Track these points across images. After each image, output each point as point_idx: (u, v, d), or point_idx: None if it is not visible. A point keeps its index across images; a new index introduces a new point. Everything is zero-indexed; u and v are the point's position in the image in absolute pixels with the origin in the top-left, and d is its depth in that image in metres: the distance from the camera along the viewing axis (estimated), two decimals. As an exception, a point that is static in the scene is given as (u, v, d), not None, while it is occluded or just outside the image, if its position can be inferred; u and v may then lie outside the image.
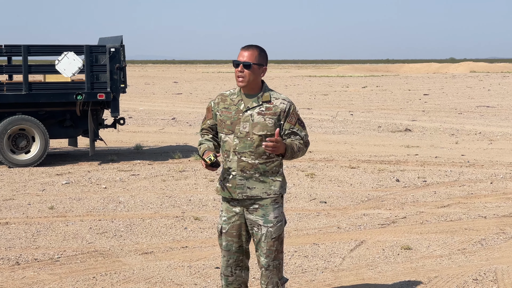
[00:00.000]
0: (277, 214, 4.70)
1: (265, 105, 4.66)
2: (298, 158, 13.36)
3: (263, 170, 4.66)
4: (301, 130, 4.70)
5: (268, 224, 4.67)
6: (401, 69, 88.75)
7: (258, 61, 4.64)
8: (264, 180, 4.67)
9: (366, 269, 6.63)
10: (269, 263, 4.73)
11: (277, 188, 4.69)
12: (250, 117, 4.65)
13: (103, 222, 8.49)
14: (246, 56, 4.63)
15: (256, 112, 4.65)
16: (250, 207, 4.70)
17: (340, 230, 8.15)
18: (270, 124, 4.63)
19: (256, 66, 4.63)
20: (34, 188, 10.67)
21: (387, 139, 17.16)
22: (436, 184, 10.98)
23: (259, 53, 4.65)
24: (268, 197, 4.67)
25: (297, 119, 4.70)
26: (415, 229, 8.18)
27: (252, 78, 4.63)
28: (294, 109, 4.70)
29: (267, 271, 4.75)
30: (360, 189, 10.60)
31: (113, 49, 12.93)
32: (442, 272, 6.53)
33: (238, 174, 4.67)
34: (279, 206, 4.72)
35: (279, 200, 4.73)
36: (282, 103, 4.66)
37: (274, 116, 4.64)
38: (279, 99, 4.68)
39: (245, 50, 4.65)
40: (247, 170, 4.66)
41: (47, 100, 12.84)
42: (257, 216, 4.69)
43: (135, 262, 6.85)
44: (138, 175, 11.71)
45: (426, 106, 28.54)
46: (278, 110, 4.65)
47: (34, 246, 7.44)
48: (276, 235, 4.69)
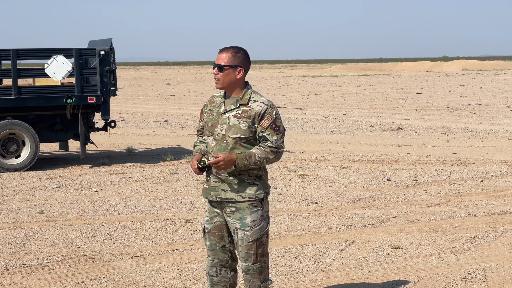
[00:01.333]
0: (254, 218, 4.67)
1: (242, 108, 4.64)
2: (290, 159, 13.40)
3: (238, 173, 4.65)
4: (272, 134, 4.61)
5: (245, 228, 4.66)
6: (394, 68, 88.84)
7: (232, 63, 4.63)
8: (238, 184, 4.65)
9: (356, 269, 6.63)
10: (248, 267, 4.72)
11: (252, 192, 4.66)
12: (227, 119, 4.65)
13: (93, 226, 8.47)
14: (221, 58, 4.64)
15: (233, 114, 4.65)
16: (227, 209, 4.70)
17: (331, 231, 8.15)
18: (244, 127, 4.61)
19: (230, 69, 4.63)
20: (24, 192, 10.64)
21: (379, 139, 17.17)
22: (427, 183, 10.98)
23: (234, 55, 4.64)
24: (243, 200, 4.65)
25: (271, 122, 4.61)
26: (406, 228, 8.19)
27: (226, 80, 4.64)
28: (270, 112, 4.63)
29: (248, 274, 4.75)
30: (351, 189, 10.60)
31: (102, 52, 12.91)
32: (432, 271, 6.53)
33: (214, 176, 4.69)
34: (257, 210, 4.69)
35: (257, 203, 4.69)
36: (258, 106, 4.63)
37: (249, 119, 4.62)
38: (257, 101, 4.65)
39: (222, 52, 4.67)
40: (222, 173, 4.66)
41: (37, 104, 12.81)
42: (234, 219, 4.69)
43: (125, 266, 6.83)
44: (129, 178, 11.68)
45: (419, 104, 28.58)
46: (253, 113, 4.62)
47: (23, 251, 7.41)
48: (253, 238, 4.66)
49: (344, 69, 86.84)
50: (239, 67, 4.65)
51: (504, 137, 17.29)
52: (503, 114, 23.79)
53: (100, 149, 15.22)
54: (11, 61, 12.56)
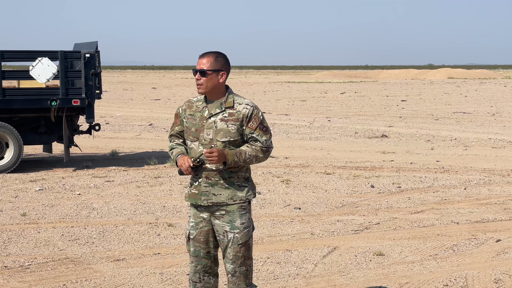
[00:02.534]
0: (244, 221, 4.69)
1: (228, 111, 4.65)
2: (274, 165, 13.41)
3: (228, 176, 4.65)
4: (261, 135, 4.65)
5: (235, 230, 4.66)
6: (379, 75, 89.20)
7: (214, 67, 4.64)
8: (229, 187, 4.66)
9: (338, 276, 6.64)
10: (235, 269, 4.72)
11: (243, 194, 4.68)
12: (214, 123, 4.65)
13: (75, 229, 8.44)
14: (203, 63, 4.65)
15: (219, 118, 4.65)
16: (217, 212, 4.69)
17: (314, 236, 8.16)
18: (232, 130, 4.63)
19: (213, 73, 4.63)
20: (7, 194, 10.58)
21: (364, 145, 17.22)
22: (411, 190, 11.03)
23: (215, 59, 4.65)
24: (234, 203, 4.66)
25: (259, 123, 4.65)
26: (388, 235, 8.21)
27: (210, 84, 4.64)
28: (257, 114, 4.66)
29: (234, 277, 4.74)
30: (335, 195, 10.62)
31: (88, 55, 12.87)
32: (413, 278, 6.55)
33: (203, 181, 4.68)
34: (246, 212, 4.71)
35: (246, 206, 4.71)
36: (245, 108, 4.65)
37: (237, 122, 4.63)
38: (242, 104, 4.67)
39: (202, 57, 4.67)
40: (211, 177, 4.65)
41: (21, 106, 12.75)
42: (223, 222, 4.68)
43: (107, 269, 6.81)
44: (113, 182, 11.65)
45: (404, 112, 28.70)
46: (240, 115, 4.63)
47: (5, 253, 7.37)
48: (243, 241, 4.67)
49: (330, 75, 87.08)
50: (221, 71, 4.66)
51: (488, 145, 17.39)
52: (487, 122, 23.94)
53: (84, 152, 15.17)
54: (-5, 62, 12.49)
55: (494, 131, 20.82)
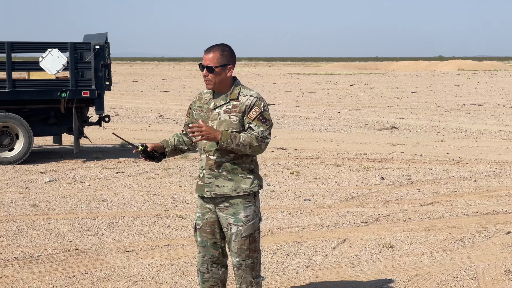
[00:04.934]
0: (248, 213, 4.68)
1: (232, 103, 4.65)
2: (284, 157, 13.39)
3: (231, 168, 4.64)
4: (259, 126, 4.60)
5: (239, 223, 4.66)
6: (389, 67, 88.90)
7: (221, 62, 4.61)
8: (232, 178, 4.65)
9: (348, 267, 6.63)
10: (241, 262, 4.72)
11: (247, 186, 4.66)
12: (218, 115, 4.65)
13: (85, 220, 8.45)
14: (209, 59, 4.62)
15: (223, 110, 4.65)
16: (221, 204, 4.69)
17: (323, 228, 8.15)
18: (234, 121, 4.62)
19: (220, 68, 4.62)
20: (17, 186, 10.61)
21: (373, 137, 17.18)
22: (421, 182, 10.99)
23: (221, 54, 4.62)
24: (237, 195, 4.65)
25: (259, 114, 4.61)
26: (398, 227, 8.19)
27: (218, 80, 4.63)
28: (258, 105, 4.63)
29: (239, 270, 4.74)
30: (344, 187, 10.60)
31: (97, 46, 12.88)
32: (423, 270, 6.53)
33: (207, 173, 4.68)
34: (250, 205, 4.69)
35: (250, 198, 4.69)
36: (248, 100, 4.63)
37: (239, 113, 4.62)
38: (247, 95, 4.65)
39: (208, 53, 4.64)
40: (215, 168, 4.65)
41: (31, 97, 12.78)
42: (227, 214, 4.68)
43: (116, 261, 6.82)
44: (122, 173, 11.66)
45: (413, 104, 28.61)
46: (243, 107, 4.63)
47: (15, 244, 7.39)
48: (247, 233, 4.67)
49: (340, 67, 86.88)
50: (228, 65, 4.65)
51: (498, 137, 17.32)
52: (497, 114, 23.83)
53: (93, 143, 15.19)
54: (5, 54, 12.51)
55: (505, 123, 20.73)
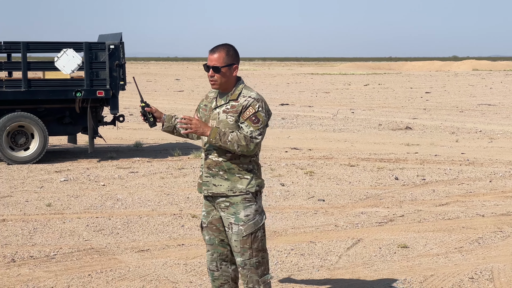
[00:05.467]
0: (248, 213, 4.66)
1: (231, 103, 4.67)
2: (298, 157, 13.38)
3: (228, 167, 4.66)
4: (249, 125, 4.60)
5: (239, 223, 4.66)
6: (403, 67, 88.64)
7: (227, 62, 4.64)
8: (229, 178, 4.66)
9: (362, 268, 6.62)
10: (245, 262, 4.70)
11: (243, 186, 4.65)
12: (217, 115, 4.69)
13: (100, 220, 8.49)
14: (215, 59, 4.64)
15: (222, 110, 4.68)
16: (221, 204, 4.71)
17: (338, 228, 8.14)
18: (231, 122, 4.63)
19: (226, 68, 4.64)
20: (32, 185, 10.66)
21: (388, 137, 17.14)
22: (435, 183, 10.95)
23: (227, 54, 4.65)
24: (234, 195, 4.65)
25: (252, 114, 4.61)
26: (413, 227, 8.17)
27: (224, 80, 4.66)
28: (254, 105, 4.62)
29: (244, 269, 4.73)
30: (358, 187, 10.58)
31: (112, 46, 12.93)
32: (438, 271, 6.51)
33: (205, 171, 4.73)
34: (251, 204, 4.68)
35: (251, 197, 4.68)
36: (246, 100, 4.65)
37: (236, 114, 4.64)
38: (246, 96, 4.66)
39: (213, 53, 4.66)
40: (212, 168, 4.69)
41: (46, 97, 12.84)
42: (228, 214, 4.69)
43: (131, 260, 6.84)
44: (137, 173, 11.70)
45: (428, 104, 28.51)
46: (240, 107, 4.64)
47: (31, 243, 7.43)
48: (248, 232, 4.66)
49: (353, 67, 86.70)
50: (234, 65, 4.68)
51: (513, 138, 17.22)
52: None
53: (108, 143, 15.25)
54: (21, 53, 12.59)
55: (520, 123, 20.61)
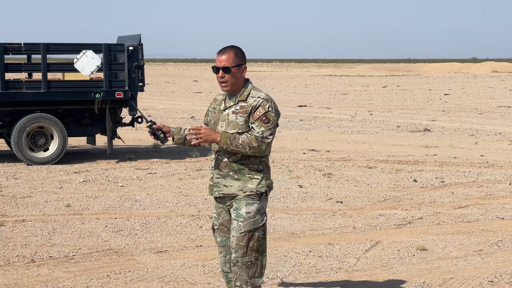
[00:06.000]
0: (249, 210, 4.68)
1: (240, 104, 4.69)
2: (316, 158, 13.36)
3: (238, 168, 4.68)
4: (260, 126, 4.61)
5: (239, 218, 4.67)
6: (422, 68, 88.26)
7: (236, 62, 4.66)
8: (239, 178, 4.69)
9: (381, 270, 6.59)
10: (237, 259, 4.69)
11: (253, 186, 4.68)
12: (227, 116, 4.71)
13: (118, 220, 8.52)
14: (224, 60, 4.65)
15: (232, 111, 4.70)
16: (228, 203, 4.76)
17: (356, 230, 8.11)
18: (240, 122, 4.65)
19: (236, 68, 4.66)
20: (52, 185, 10.73)
21: (406, 139, 17.07)
22: (454, 185, 10.90)
23: (235, 54, 4.67)
24: (244, 194, 4.69)
25: (262, 114, 4.62)
26: (432, 230, 8.13)
27: (234, 80, 4.68)
28: (264, 105, 4.63)
29: (235, 266, 4.71)
30: (377, 189, 10.55)
31: (131, 47, 12.98)
32: (458, 274, 6.47)
33: (215, 173, 4.76)
34: (254, 202, 4.69)
35: (255, 197, 4.69)
36: (255, 101, 4.66)
37: (245, 114, 4.65)
38: (255, 97, 4.68)
39: (221, 54, 4.67)
40: (223, 168, 4.71)
41: (66, 98, 12.92)
42: (231, 210, 4.73)
43: (149, 261, 6.86)
44: (155, 174, 11.73)
45: (447, 106, 28.37)
46: (249, 108, 4.65)
47: (50, 243, 7.48)
48: (245, 229, 4.65)
49: (371, 69, 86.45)
50: (242, 65, 4.71)
51: (533, 140, 17.09)
52: (532, 117, 23.52)
53: (126, 144, 15.31)
54: (41, 55, 12.68)
55: (540, 126, 20.45)
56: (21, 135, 12.60)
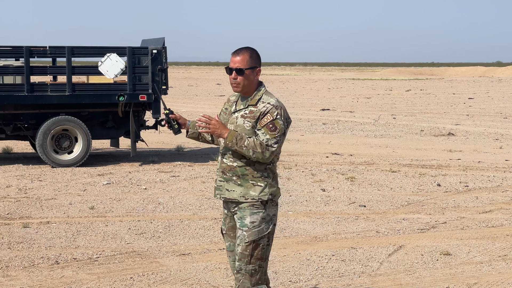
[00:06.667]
0: (254, 220, 4.58)
1: (250, 108, 4.61)
2: (339, 162, 13.33)
3: (242, 173, 4.60)
4: (266, 133, 4.53)
5: (243, 228, 4.60)
6: (446, 72, 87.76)
7: (250, 64, 4.59)
8: (242, 184, 4.60)
9: (404, 274, 6.56)
10: (241, 267, 4.64)
11: (256, 193, 4.58)
12: (236, 119, 4.65)
13: (142, 223, 8.56)
14: (238, 61, 4.57)
15: (240, 115, 4.63)
16: (232, 209, 4.69)
17: (379, 234, 8.08)
18: (247, 127, 4.58)
19: (249, 71, 4.59)
20: (76, 188, 10.80)
21: (429, 143, 16.98)
22: (478, 189, 10.81)
23: (250, 56, 4.59)
24: (246, 201, 4.60)
25: (269, 122, 4.53)
26: (455, 234, 8.07)
27: (246, 82, 4.60)
28: (272, 112, 4.54)
29: (238, 274, 4.67)
30: (400, 193, 10.50)
31: (155, 51, 13.04)
32: (482, 279, 6.43)
33: (219, 176, 4.70)
34: (258, 212, 4.59)
35: (259, 205, 4.59)
36: (264, 107, 4.57)
37: (253, 120, 4.58)
38: (265, 102, 4.59)
39: (236, 55, 4.60)
40: (226, 172, 4.65)
41: (90, 101, 13.00)
42: (236, 218, 4.67)
43: (172, 263, 6.88)
44: (178, 177, 11.77)
45: (471, 110, 28.18)
46: (258, 113, 4.57)
47: (74, 245, 7.53)
48: (250, 239, 4.57)
49: (395, 73, 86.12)
50: (257, 68, 4.63)
51: (559, 145, 16.92)
52: (558, 121, 23.29)
53: (150, 147, 15.37)
54: (66, 58, 12.78)
55: None
56: (46, 137, 12.70)
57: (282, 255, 7.18)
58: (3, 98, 12.66)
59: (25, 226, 8.33)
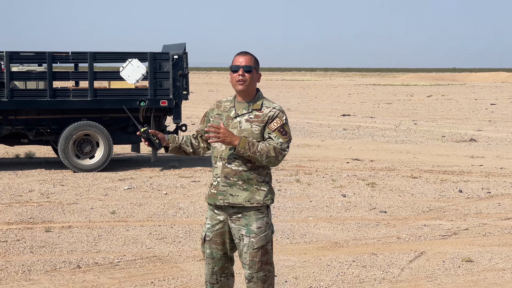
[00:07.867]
0: (260, 225, 4.61)
1: (255, 113, 4.63)
2: (359, 168, 13.29)
3: (247, 177, 4.60)
4: (278, 137, 4.57)
5: (251, 234, 4.60)
6: (468, 78, 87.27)
7: (255, 66, 4.68)
8: (247, 188, 4.60)
9: (425, 281, 6.53)
10: (252, 275, 4.64)
11: (261, 198, 4.61)
12: (239, 123, 4.63)
13: (162, 228, 8.58)
14: (245, 60, 4.64)
15: (245, 119, 4.63)
16: (233, 216, 4.65)
17: (400, 241, 8.05)
18: (256, 131, 4.59)
19: (255, 70, 4.67)
20: (97, 192, 10.86)
21: (451, 149, 16.88)
22: (501, 196, 10.74)
23: (255, 60, 4.70)
24: (251, 206, 4.60)
25: (280, 126, 4.58)
26: (477, 241, 8.02)
27: (251, 82, 4.64)
28: (281, 117, 4.61)
29: (251, 282, 4.66)
30: (421, 199, 10.45)
31: (176, 56, 13.09)
32: (504, 286, 6.38)
33: (222, 181, 4.65)
34: (263, 217, 4.64)
35: (263, 210, 4.64)
36: (271, 111, 4.62)
37: (261, 124, 4.60)
38: (270, 107, 4.64)
39: (242, 55, 4.68)
40: (230, 177, 4.62)
41: (111, 106, 13.08)
42: (240, 225, 4.64)
43: (193, 269, 6.90)
44: (198, 182, 11.80)
45: (493, 116, 27.98)
46: (266, 118, 4.60)
47: (95, 250, 7.57)
48: (259, 245, 4.60)
49: (416, 78, 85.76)
50: (259, 72, 4.74)
51: None
52: None
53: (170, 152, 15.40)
54: (87, 63, 12.87)
55: None
56: (67, 142, 12.79)
57: (302, 260, 7.17)
58: (26, 103, 12.78)
59: (47, 230, 8.39)
